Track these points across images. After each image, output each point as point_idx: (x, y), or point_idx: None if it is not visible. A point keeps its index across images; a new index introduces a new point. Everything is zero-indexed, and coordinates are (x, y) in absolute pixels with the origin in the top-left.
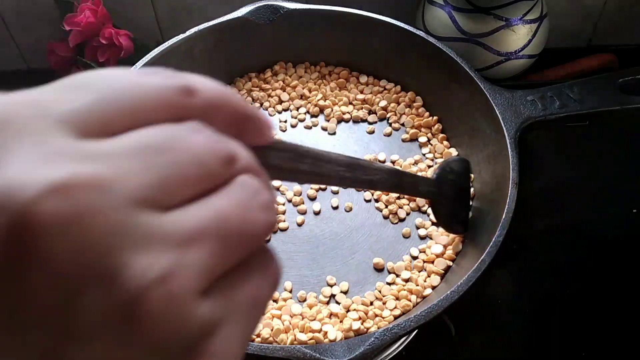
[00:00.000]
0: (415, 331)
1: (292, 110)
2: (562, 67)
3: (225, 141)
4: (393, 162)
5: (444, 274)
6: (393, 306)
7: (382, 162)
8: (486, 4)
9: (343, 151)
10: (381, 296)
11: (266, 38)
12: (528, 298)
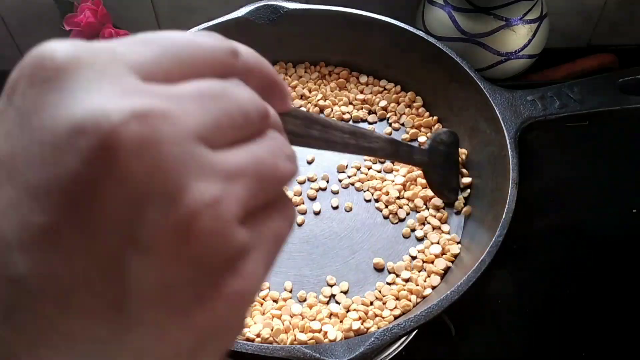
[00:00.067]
0: (415, 331)
1: None
2: (562, 67)
3: (261, 99)
4: (393, 162)
5: (444, 274)
6: (393, 306)
7: (382, 163)
8: (486, 4)
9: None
10: (381, 296)
11: (266, 38)
12: (528, 298)
